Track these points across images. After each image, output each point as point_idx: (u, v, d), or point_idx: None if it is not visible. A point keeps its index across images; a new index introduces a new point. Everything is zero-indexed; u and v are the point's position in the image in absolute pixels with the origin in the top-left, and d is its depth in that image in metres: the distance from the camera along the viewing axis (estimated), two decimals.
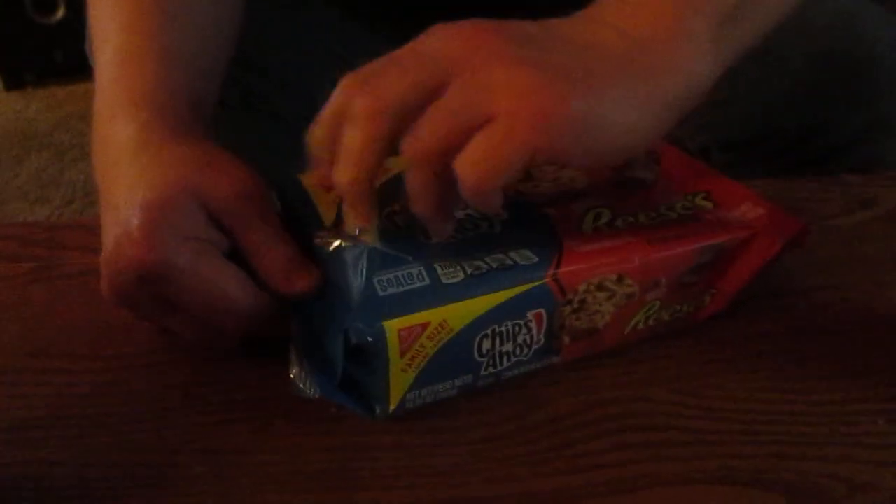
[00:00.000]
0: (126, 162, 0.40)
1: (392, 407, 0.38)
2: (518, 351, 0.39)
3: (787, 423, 0.39)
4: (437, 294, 0.37)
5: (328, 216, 0.41)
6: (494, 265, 0.39)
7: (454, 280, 0.38)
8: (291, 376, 0.38)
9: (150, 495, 0.35)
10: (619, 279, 0.40)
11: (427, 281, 0.37)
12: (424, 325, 0.36)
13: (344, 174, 0.36)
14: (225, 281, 0.38)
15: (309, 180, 0.43)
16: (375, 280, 0.37)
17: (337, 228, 0.40)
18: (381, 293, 0.37)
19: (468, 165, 0.34)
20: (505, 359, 0.39)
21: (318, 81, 0.39)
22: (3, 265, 0.50)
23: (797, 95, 0.65)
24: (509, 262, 0.39)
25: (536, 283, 0.39)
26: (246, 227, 0.39)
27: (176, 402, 0.40)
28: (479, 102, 0.34)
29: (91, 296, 0.46)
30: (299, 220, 0.42)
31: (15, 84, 2.04)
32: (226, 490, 0.36)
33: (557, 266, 0.39)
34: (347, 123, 0.36)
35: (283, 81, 0.63)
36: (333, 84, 0.37)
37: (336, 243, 0.39)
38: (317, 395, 0.37)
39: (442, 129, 0.35)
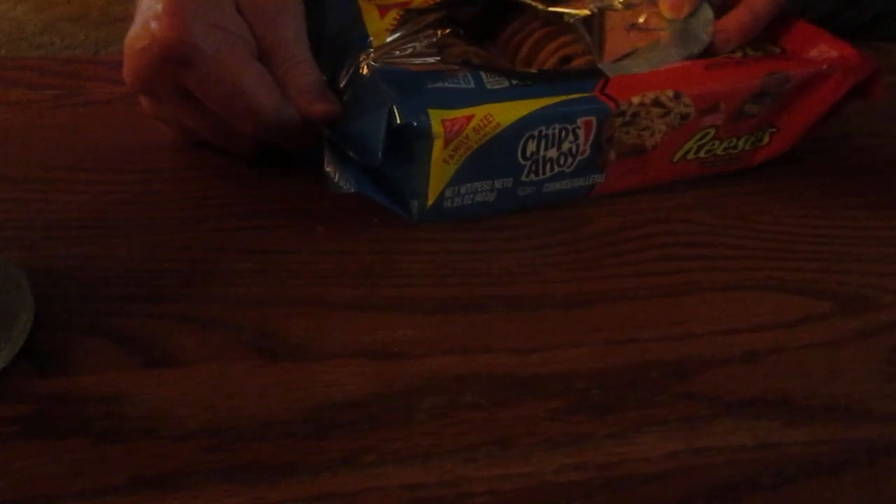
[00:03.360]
0: None
1: (430, 202, 0.37)
2: (562, 160, 0.38)
3: (833, 243, 0.39)
4: (482, 96, 0.37)
5: (378, 38, 0.41)
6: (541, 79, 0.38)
7: (498, 86, 0.37)
8: (326, 171, 0.36)
9: (198, 285, 0.35)
10: (677, 96, 0.39)
11: (472, 84, 0.37)
12: (469, 118, 0.36)
13: None
14: (249, 77, 0.37)
15: (367, 3, 0.43)
16: (422, 80, 0.37)
17: (386, 46, 0.40)
18: (427, 86, 0.36)
19: None
20: (548, 166, 0.38)
21: None
22: (23, 91, 0.48)
23: None
24: (557, 77, 0.39)
25: (586, 94, 0.38)
26: (276, 39, 0.38)
27: (214, 211, 0.39)
28: None
29: (118, 120, 0.45)
30: (335, 47, 0.42)
31: None
32: (272, 283, 0.35)
33: (607, 82, 0.38)
34: None
35: None
36: None
37: (382, 63, 0.39)
38: (352, 190, 0.36)
39: None
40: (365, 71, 0.39)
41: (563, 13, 0.43)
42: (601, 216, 0.40)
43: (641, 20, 0.42)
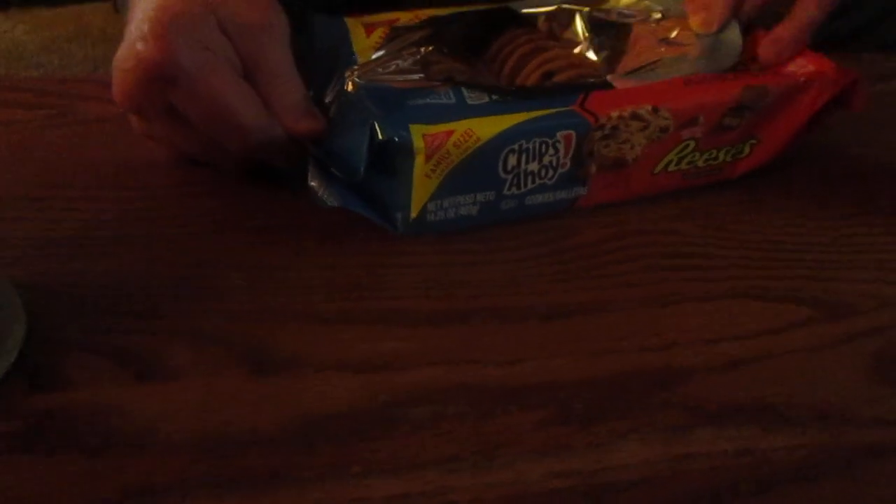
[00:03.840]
0: None
1: (414, 214, 0.38)
2: (543, 172, 0.39)
3: (816, 251, 0.40)
4: (463, 111, 0.37)
5: (364, 55, 0.42)
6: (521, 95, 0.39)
7: (479, 102, 0.38)
8: (311, 185, 0.37)
9: (189, 300, 0.35)
10: (655, 110, 0.39)
11: (453, 100, 0.38)
12: (449, 133, 0.36)
13: None
14: (233, 96, 0.37)
15: (354, 21, 0.44)
16: (404, 97, 0.38)
17: (371, 63, 0.41)
18: (409, 102, 0.37)
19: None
20: (529, 179, 0.39)
21: None
22: (18, 111, 0.49)
23: None
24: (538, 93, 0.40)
25: (565, 109, 0.38)
26: (260, 57, 0.39)
27: (207, 227, 0.40)
28: None
29: (110, 139, 0.46)
30: (321, 65, 0.42)
31: None
32: (263, 297, 0.36)
33: (586, 97, 0.39)
34: None
35: None
36: None
37: (367, 80, 0.39)
38: (336, 204, 0.36)
39: None
40: (350, 88, 0.40)
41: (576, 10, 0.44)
42: (585, 228, 0.40)
43: (673, 35, 0.43)
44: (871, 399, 0.32)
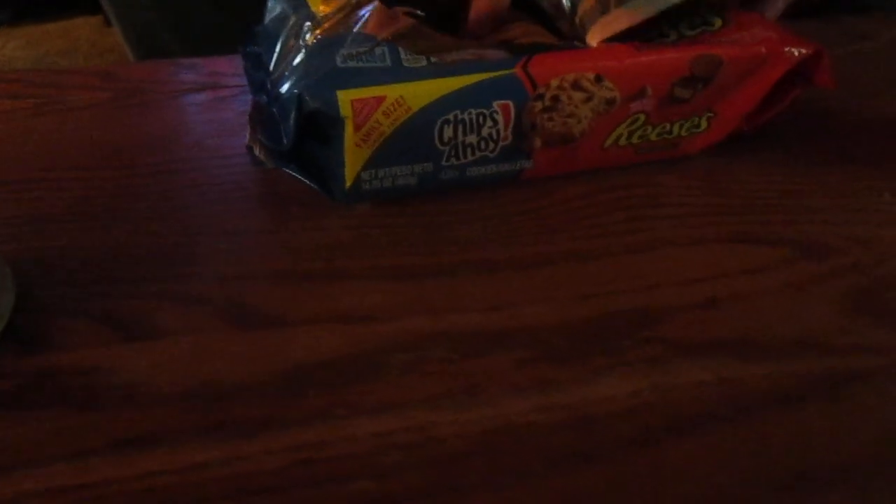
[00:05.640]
0: None
1: (348, 184, 0.38)
2: (483, 145, 0.38)
3: (794, 198, 0.40)
4: (396, 74, 0.36)
5: (317, 9, 0.41)
6: (459, 59, 0.38)
7: (416, 65, 0.37)
8: (248, 145, 0.37)
9: (176, 266, 0.36)
10: (598, 79, 0.38)
11: (388, 62, 0.37)
12: (380, 100, 0.36)
13: None
14: None
15: None
16: (339, 54, 0.37)
17: (323, 17, 0.40)
18: (339, 64, 0.36)
19: None
20: (468, 151, 0.38)
21: None
22: (5, 101, 0.50)
23: None
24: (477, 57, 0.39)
25: (503, 73, 0.37)
26: None
27: (194, 199, 0.40)
28: None
29: (98, 123, 0.47)
30: (274, 34, 0.42)
31: None
32: (249, 260, 0.36)
33: (529, 59, 0.38)
34: None
35: None
36: None
37: (318, 33, 0.39)
38: (272, 166, 0.37)
39: None
40: (308, 40, 0.38)
41: None
42: (567, 184, 0.41)
43: None
44: (849, 329, 0.33)
